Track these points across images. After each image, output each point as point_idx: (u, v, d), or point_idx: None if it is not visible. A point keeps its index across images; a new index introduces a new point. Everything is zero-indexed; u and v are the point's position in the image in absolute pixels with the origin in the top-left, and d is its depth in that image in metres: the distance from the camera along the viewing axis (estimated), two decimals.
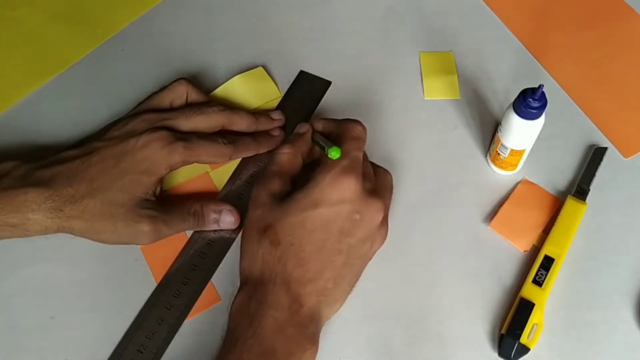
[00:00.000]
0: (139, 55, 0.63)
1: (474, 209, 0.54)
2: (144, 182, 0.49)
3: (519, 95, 0.48)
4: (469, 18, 0.65)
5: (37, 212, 0.47)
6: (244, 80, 0.60)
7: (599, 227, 0.53)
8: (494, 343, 0.48)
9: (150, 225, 0.48)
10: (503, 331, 0.47)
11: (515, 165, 0.54)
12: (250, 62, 0.62)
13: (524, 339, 0.47)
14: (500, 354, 0.47)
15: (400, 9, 0.66)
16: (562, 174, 0.55)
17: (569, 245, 0.51)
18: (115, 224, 0.48)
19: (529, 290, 0.49)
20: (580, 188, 0.54)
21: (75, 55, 0.63)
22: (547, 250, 0.50)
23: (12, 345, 0.48)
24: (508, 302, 0.49)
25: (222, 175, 0.56)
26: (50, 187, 0.47)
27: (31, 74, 0.61)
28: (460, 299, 0.50)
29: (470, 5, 0.66)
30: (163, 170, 0.50)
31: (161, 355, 0.47)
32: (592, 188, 0.54)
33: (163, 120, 0.52)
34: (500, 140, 0.52)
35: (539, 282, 0.49)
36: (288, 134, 0.57)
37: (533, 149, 0.53)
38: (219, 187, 0.55)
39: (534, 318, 0.47)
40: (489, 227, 0.53)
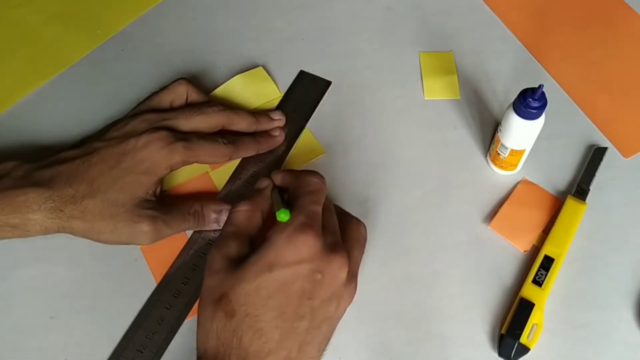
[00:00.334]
0: (139, 55, 0.63)
1: (474, 209, 0.54)
2: (144, 182, 0.49)
3: (518, 95, 0.48)
4: (469, 18, 0.65)
5: (38, 213, 0.47)
6: (244, 80, 0.60)
7: (599, 227, 0.53)
8: (494, 343, 0.48)
9: (150, 225, 0.48)
10: (503, 331, 0.47)
11: (515, 165, 0.54)
12: (250, 62, 0.62)
13: (523, 339, 0.47)
14: (500, 354, 0.47)
15: (400, 9, 0.66)
16: (562, 174, 0.55)
17: (569, 245, 0.51)
18: (115, 224, 0.48)
19: (529, 290, 0.49)
20: (580, 188, 0.54)
21: (75, 55, 0.63)
22: (547, 250, 0.50)
23: (12, 345, 0.48)
24: (508, 302, 0.50)
25: (222, 175, 0.56)
26: (50, 188, 0.47)
27: (31, 74, 0.61)
28: (460, 299, 0.50)
29: (470, 5, 0.66)
30: (163, 170, 0.50)
31: (161, 355, 0.47)
32: (592, 188, 0.54)
33: (163, 121, 0.52)
34: (500, 140, 0.52)
35: (539, 282, 0.49)
36: (288, 134, 0.57)
37: (533, 148, 0.53)
38: (219, 187, 0.55)
39: (534, 318, 0.48)
40: (489, 227, 0.53)
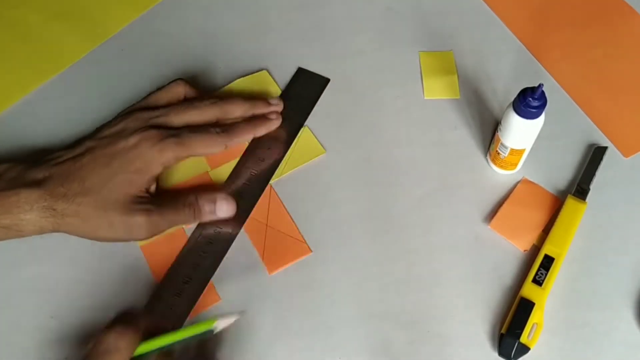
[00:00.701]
0: (139, 55, 0.63)
1: (473, 209, 0.54)
2: (137, 181, 0.49)
3: (518, 95, 0.48)
4: (469, 18, 0.65)
5: (30, 213, 0.47)
6: (248, 83, 0.60)
7: (599, 227, 0.53)
8: (494, 342, 0.48)
9: (144, 217, 0.48)
10: (503, 331, 0.47)
11: (515, 165, 0.54)
12: (250, 62, 0.62)
13: (524, 339, 0.47)
14: (500, 354, 0.47)
15: (400, 9, 0.66)
16: (562, 174, 0.55)
17: (569, 244, 0.51)
18: (110, 220, 0.48)
19: (529, 290, 0.49)
20: (580, 187, 0.54)
21: (75, 55, 0.63)
22: (547, 249, 0.50)
23: (12, 345, 0.48)
24: (508, 302, 0.49)
25: (222, 174, 0.56)
26: (42, 187, 0.47)
27: (31, 74, 0.61)
28: (460, 298, 0.50)
29: (470, 5, 0.66)
30: (156, 168, 0.50)
31: None
32: (592, 187, 0.54)
33: (154, 118, 0.52)
34: (500, 139, 0.52)
35: (539, 282, 0.49)
36: (286, 127, 0.57)
37: (533, 148, 0.53)
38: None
39: (534, 317, 0.47)
40: (489, 227, 0.53)
